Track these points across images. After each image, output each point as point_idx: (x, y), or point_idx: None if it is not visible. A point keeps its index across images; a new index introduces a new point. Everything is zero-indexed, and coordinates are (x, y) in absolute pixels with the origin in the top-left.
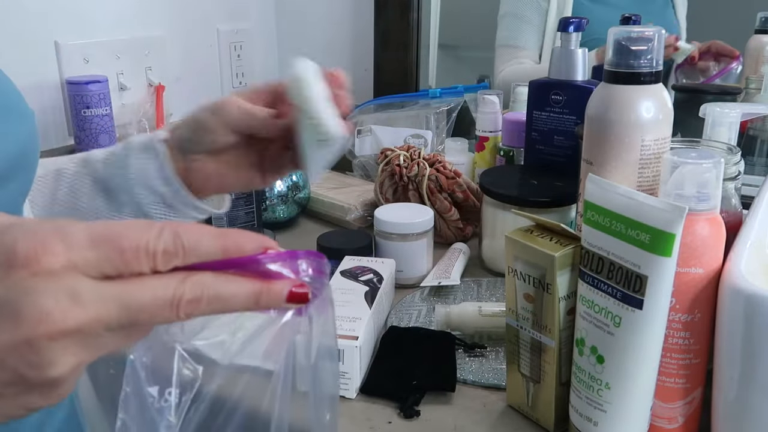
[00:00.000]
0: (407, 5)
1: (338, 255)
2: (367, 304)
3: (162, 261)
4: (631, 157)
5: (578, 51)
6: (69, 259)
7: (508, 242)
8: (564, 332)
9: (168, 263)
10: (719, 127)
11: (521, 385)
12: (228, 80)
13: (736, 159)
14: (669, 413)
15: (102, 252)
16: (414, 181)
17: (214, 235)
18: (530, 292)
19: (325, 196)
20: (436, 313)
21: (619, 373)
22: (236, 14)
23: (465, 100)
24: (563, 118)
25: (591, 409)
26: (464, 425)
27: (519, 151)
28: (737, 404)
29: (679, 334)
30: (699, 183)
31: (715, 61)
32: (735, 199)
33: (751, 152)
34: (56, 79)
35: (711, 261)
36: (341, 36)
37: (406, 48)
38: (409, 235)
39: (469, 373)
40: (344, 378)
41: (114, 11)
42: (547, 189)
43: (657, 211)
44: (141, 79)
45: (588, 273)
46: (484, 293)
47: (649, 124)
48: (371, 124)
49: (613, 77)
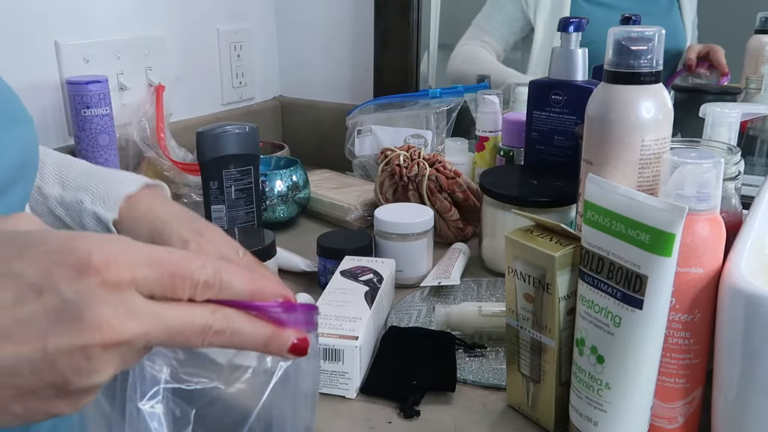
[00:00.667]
0: (407, 5)
1: (338, 255)
2: (367, 304)
3: (201, 291)
4: (631, 157)
5: (578, 51)
6: (133, 274)
7: (508, 242)
8: (564, 332)
9: (205, 294)
10: (719, 127)
11: (521, 385)
12: (228, 80)
13: (736, 159)
14: (669, 413)
15: (157, 273)
16: (414, 181)
17: (246, 278)
18: (530, 292)
19: (325, 196)
20: (436, 313)
21: (619, 373)
22: (236, 14)
23: (465, 100)
24: (563, 118)
25: (591, 409)
26: (464, 425)
27: (519, 151)
28: (737, 404)
29: (679, 334)
30: (699, 183)
31: (709, 70)
32: (735, 199)
33: (751, 152)
34: (56, 79)
35: (711, 261)
36: (341, 36)
37: (406, 48)
38: (409, 235)
39: (469, 373)
40: (344, 378)
41: (114, 11)
42: (547, 189)
43: (657, 211)
44: (141, 79)
45: (588, 273)
46: (484, 293)
47: (649, 124)
48: (371, 124)
49: (613, 77)
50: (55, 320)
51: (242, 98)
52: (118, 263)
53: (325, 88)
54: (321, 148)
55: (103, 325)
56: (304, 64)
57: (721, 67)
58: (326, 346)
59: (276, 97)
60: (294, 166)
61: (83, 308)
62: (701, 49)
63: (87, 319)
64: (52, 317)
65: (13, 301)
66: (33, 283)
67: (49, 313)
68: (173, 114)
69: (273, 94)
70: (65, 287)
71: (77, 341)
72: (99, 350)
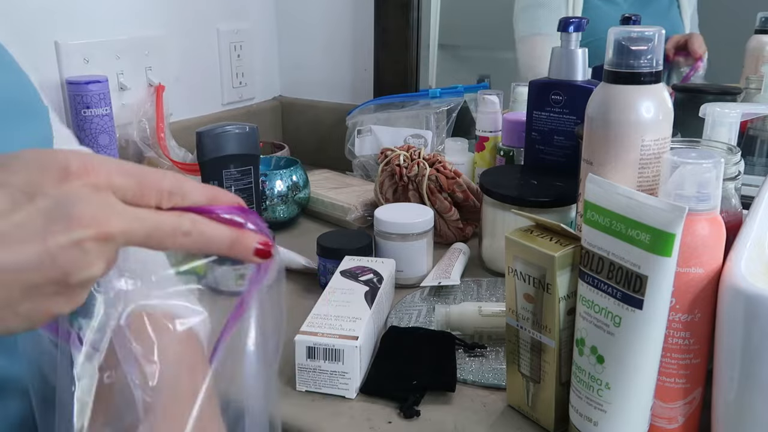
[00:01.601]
0: (407, 5)
1: (338, 255)
2: (367, 304)
3: (167, 198)
4: (631, 157)
5: (578, 51)
6: (109, 180)
7: (508, 242)
8: (564, 332)
9: (171, 201)
10: (719, 127)
11: (521, 385)
12: (228, 80)
13: (736, 159)
14: (669, 413)
15: (130, 181)
16: (414, 181)
17: (203, 187)
18: (530, 292)
19: (325, 196)
20: (436, 313)
21: (619, 373)
22: (236, 14)
23: (465, 100)
24: (563, 118)
25: (591, 409)
26: (464, 425)
27: (519, 151)
28: (737, 404)
29: (679, 334)
30: (699, 183)
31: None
32: (735, 199)
33: (751, 152)
34: (56, 79)
35: (711, 261)
36: (341, 36)
37: (406, 48)
38: (409, 235)
39: (469, 373)
40: (344, 378)
41: (114, 11)
42: (547, 189)
43: (657, 211)
44: (141, 79)
45: (588, 273)
46: (484, 293)
47: (649, 124)
48: (371, 124)
49: (613, 77)
50: (50, 219)
51: (242, 98)
52: (96, 169)
53: (325, 88)
54: (321, 148)
55: (92, 220)
56: (304, 64)
57: (694, 52)
58: (326, 346)
59: (276, 97)
60: (294, 166)
61: (72, 207)
62: (680, 39)
63: (77, 216)
64: (47, 217)
65: (10, 206)
66: (23, 190)
67: (44, 213)
68: (173, 114)
69: (273, 94)
70: (53, 190)
71: (73, 236)
72: (92, 243)
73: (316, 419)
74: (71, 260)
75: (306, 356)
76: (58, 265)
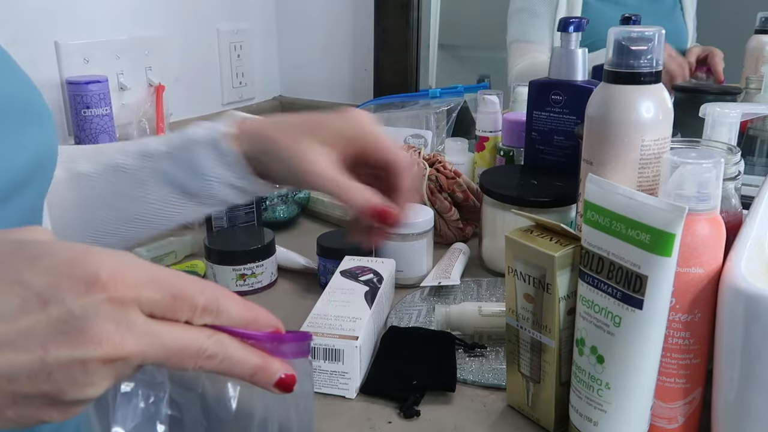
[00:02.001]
0: (407, 5)
1: (338, 255)
2: (367, 304)
3: (199, 315)
4: (631, 157)
5: (578, 51)
6: (137, 293)
7: (508, 242)
8: (564, 332)
9: (203, 318)
10: (719, 127)
11: (521, 385)
12: (228, 80)
13: (736, 159)
14: (669, 413)
15: (161, 295)
16: None
17: (243, 306)
18: (530, 292)
19: (325, 196)
20: (436, 313)
21: (619, 373)
22: (236, 14)
23: (465, 100)
24: (563, 118)
25: (591, 409)
26: (464, 425)
27: (519, 151)
28: (737, 404)
29: (679, 334)
30: (699, 183)
31: (706, 74)
32: (735, 199)
33: (751, 152)
34: (56, 79)
35: (711, 261)
36: (341, 36)
37: (406, 48)
38: (409, 235)
39: (469, 373)
40: (344, 378)
41: (114, 11)
42: (547, 189)
43: (657, 211)
44: (141, 79)
45: (588, 273)
46: (484, 293)
47: (649, 124)
48: None
49: (613, 77)
50: (57, 331)
51: (242, 98)
52: (125, 281)
53: (325, 88)
54: None
55: (104, 340)
56: (304, 64)
57: (717, 74)
58: (326, 346)
59: (276, 97)
60: None
61: (86, 322)
62: (700, 53)
63: (89, 333)
64: (55, 328)
65: (18, 309)
66: (40, 293)
67: (53, 324)
68: (173, 114)
69: (273, 94)
70: (71, 300)
71: (77, 354)
72: (97, 364)
73: (316, 419)
74: (69, 378)
75: None
76: (53, 380)
